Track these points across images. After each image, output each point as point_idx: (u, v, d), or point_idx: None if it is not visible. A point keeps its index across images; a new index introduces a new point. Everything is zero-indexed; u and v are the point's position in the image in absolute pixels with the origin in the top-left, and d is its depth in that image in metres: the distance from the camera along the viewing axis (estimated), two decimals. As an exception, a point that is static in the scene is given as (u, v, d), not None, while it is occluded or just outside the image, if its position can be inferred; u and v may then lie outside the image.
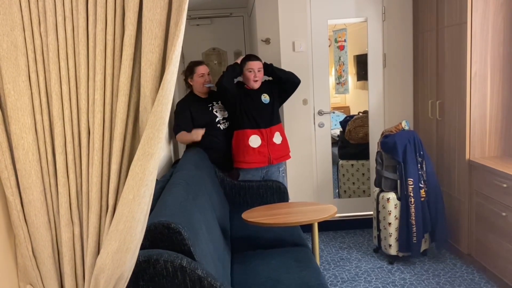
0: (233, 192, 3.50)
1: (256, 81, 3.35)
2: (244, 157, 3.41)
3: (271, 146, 3.42)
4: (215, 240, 2.29)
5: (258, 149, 3.39)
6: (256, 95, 3.42)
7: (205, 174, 3.03)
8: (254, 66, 3.34)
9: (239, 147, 3.44)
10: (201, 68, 3.50)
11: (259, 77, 3.36)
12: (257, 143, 3.39)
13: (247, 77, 3.36)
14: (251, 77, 3.34)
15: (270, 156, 3.41)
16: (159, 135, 1.15)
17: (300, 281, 2.24)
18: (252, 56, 3.44)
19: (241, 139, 3.41)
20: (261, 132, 3.39)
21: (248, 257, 2.56)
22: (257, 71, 3.34)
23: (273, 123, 3.44)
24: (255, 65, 3.35)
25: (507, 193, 2.68)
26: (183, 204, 2.06)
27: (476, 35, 2.97)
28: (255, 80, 3.34)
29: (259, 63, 3.36)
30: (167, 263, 1.64)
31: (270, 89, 3.48)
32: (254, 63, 3.35)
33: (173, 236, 1.73)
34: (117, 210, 1.16)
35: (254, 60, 3.37)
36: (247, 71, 3.34)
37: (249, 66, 3.34)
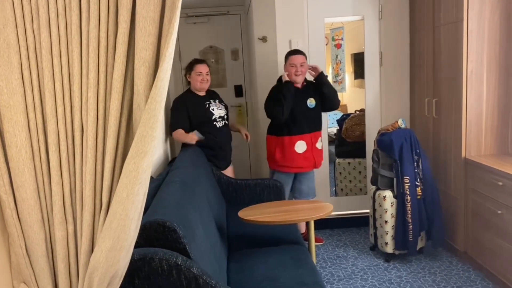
0: (230, 190, 3.49)
1: (299, 75, 3.29)
2: (290, 162, 3.41)
3: (315, 151, 3.44)
4: (211, 238, 2.29)
5: (304, 154, 3.39)
6: (302, 98, 3.38)
7: (202, 172, 3.03)
8: (296, 61, 3.28)
9: (283, 153, 3.42)
10: (200, 66, 3.50)
11: (301, 71, 3.29)
12: (302, 148, 3.39)
13: (291, 71, 3.30)
14: (293, 71, 3.28)
15: (315, 161, 3.46)
16: (153, 133, 1.15)
17: (296, 279, 2.24)
18: (294, 51, 3.37)
19: (287, 145, 3.39)
20: (306, 137, 3.39)
21: (245, 255, 2.56)
22: (299, 66, 3.27)
23: (317, 128, 3.45)
24: (297, 59, 3.28)
25: (503, 191, 2.69)
26: (179, 202, 2.06)
27: (473, 33, 2.97)
28: (296, 74, 3.28)
29: (301, 57, 3.29)
30: (162, 261, 1.64)
31: (317, 93, 3.44)
32: (296, 58, 3.29)
33: (168, 235, 1.73)
34: (111, 208, 1.15)
35: (296, 54, 3.31)
36: (289, 65, 3.30)
37: (291, 61, 3.29)
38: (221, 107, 3.60)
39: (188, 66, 3.57)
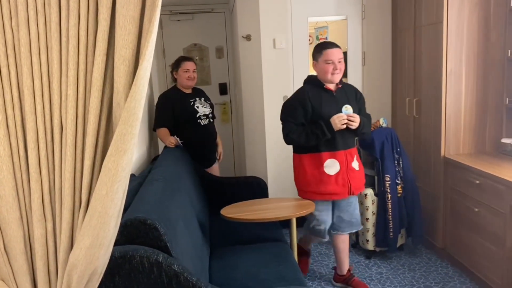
0: (213, 188, 3.50)
1: (335, 74, 2.64)
2: (318, 186, 2.72)
3: (350, 172, 2.74)
4: (193, 236, 2.30)
5: (336, 176, 2.71)
6: (336, 104, 2.68)
7: (185, 170, 3.03)
8: (333, 56, 2.62)
9: (309, 175, 2.74)
10: (188, 64, 3.50)
11: (340, 69, 2.64)
12: (334, 169, 2.71)
13: (324, 70, 2.64)
14: (329, 69, 2.62)
15: (350, 185, 2.74)
16: (133, 131, 1.15)
17: (278, 276, 2.27)
18: (329, 43, 2.70)
19: (313, 164, 2.73)
20: (340, 155, 2.71)
21: (227, 253, 2.58)
22: (337, 62, 2.62)
23: (352, 143, 2.78)
24: (335, 54, 2.62)
25: (480, 189, 2.75)
26: (161, 200, 2.06)
27: (452, 34, 3.03)
28: (333, 73, 2.63)
29: (339, 52, 2.64)
30: (143, 259, 1.64)
31: (352, 100, 2.75)
32: (333, 52, 2.62)
33: (149, 232, 1.73)
34: (90, 206, 1.16)
35: (332, 47, 2.63)
36: (324, 62, 2.63)
37: (328, 57, 2.62)
38: (206, 105, 3.61)
39: (175, 63, 3.56)
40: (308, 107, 2.67)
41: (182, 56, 3.65)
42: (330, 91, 2.70)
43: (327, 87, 2.69)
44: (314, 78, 2.76)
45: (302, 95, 2.71)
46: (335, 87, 2.72)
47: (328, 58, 2.61)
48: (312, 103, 2.67)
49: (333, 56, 2.61)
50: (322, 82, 2.70)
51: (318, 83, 2.71)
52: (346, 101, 2.70)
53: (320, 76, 2.69)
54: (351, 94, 2.77)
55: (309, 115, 2.67)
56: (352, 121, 2.59)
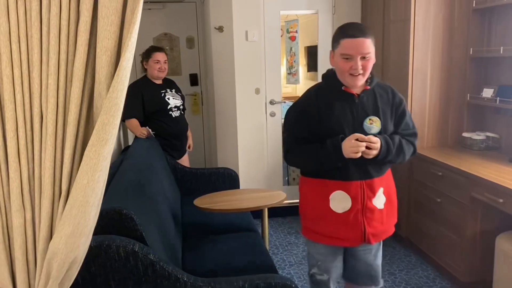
0: (184, 179, 3.51)
1: (355, 77, 1.80)
2: (320, 225, 1.97)
3: (368, 212, 1.92)
4: (166, 226, 2.32)
5: (345, 215, 1.91)
6: (356, 113, 1.87)
7: (156, 161, 3.03)
8: (353, 50, 1.75)
9: (311, 206, 2.00)
10: (159, 54, 3.47)
11: (365, 68, 1.79)
12: (343, 205, 1.90)
13: (340, 68, 1.82)
14: (346, 68, 1.78)
15: (365, 230, 1.93)
16: (114, 121, 1.16)
17: (250, 264, 2.32)
18: (352, 28, 1.79)
19: (317, 193, 1.96)
20: (352, 187, 1.89)
21: (199, 243, 2.61)
22: (359, 59, 1.76)
23: (376, 172, 1.92)
24: (357, 46, 1.75)
25: (442, 180, 2.89)
26: (135, 190, 2.07)
27: (419, 31, 3.15)
28: (352, 73, 1.79)
29: (364, 43, 1.75)
30: (119, 248, 1.66)
31: (384, 109, 1.90)
32: (355, 43, 1.74)
33: (125, 222, 1.74)
34: (71, 195, 1.16)
35: (355, 36, 1.75)
36: (340, 56, 1.79)
37: (345, 50, 1.76)
38: (178, 96, 3.60)
39: (145, 52, 3.53)
40: (313, 117, 1.88)
41: (153, 46, 3.62)
42: (351, 94, 1.86)
43: (347, 89, 1.86)
44: (333, 74, 1.90)
45: (309, 99, 1.93)
46: (361, 89, 1.87)
47: (346, 52, 1.75)
48: (320, 111, 1.87)
49: (353, 50, 1.74)
50: (341, 84, 1.87)
51: (335, 83, 1.87)
52: (373, 110, 1.87)
53: (338, 74, 1.86)
54: (385, 99, 1.91)
55: (313, 128, 1.89)
56: (370, 148, 1.78)
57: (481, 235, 2.68)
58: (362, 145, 1.76)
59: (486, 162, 2.79)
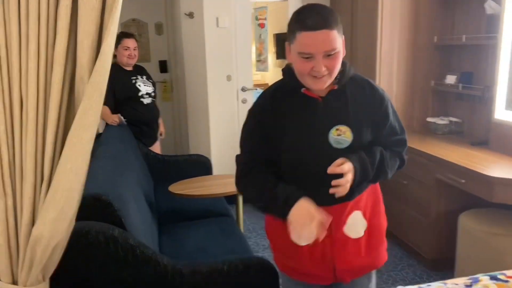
0: (157, 166, 3.50)
1: (318, 79, 1.34)
2: (286, 257, 1.57)
3: (338, 243, 1.49)
4: (143, 213, 2.33)
5: (310, 248, 1.44)
6: (319, 122, 1.41)
7: (129, 148, 3.02)
8: (312, 48, 1.29)
9: (276, 235, 1.57)
10: (128, 41, 3.41)
11: (331, 67, 1.33)
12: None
13: (297, 67, 1.36)
14: (306, 69, 1.32)
15: (335, 266, 1.51)
16: (97, 106, 1.17)
17: (225, 249, 2.36)
18: (310, 16, 1.29)
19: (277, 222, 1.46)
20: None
21: (175, 229, 2.63)
22: (320, 57, 1.30)
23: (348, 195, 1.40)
24: (317, 41, 1.28)
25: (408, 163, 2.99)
26: (112, 177, 2.07)
27: (387, 19, 3.23)
28: (314, 74, 1.33)
29: (327, 35, 1.28)
30: (99, 234, 1.66)
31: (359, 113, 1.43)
32: (314, 37, 1.28)
33: (104, 208, 1.74)
34: (54, 180, 1.17)
35: (315, 28, 1.27)
36: (297, 54, 1.32)
37: (302, 47, 1.30)
38: (149, 83, 3.57)
39: None
40: (269, 128, 1.43)
41: (123, 32, 3.55)
42: (312, 99, 1.40)
43: (308, 92, 1.40)
44: (291, 72, 1.41)
45: (263, 103, 1.47)
46: (326, 90, 1.40)
47: (305, 51, 1.29)
48: (276, 120, 1.42)
49: (314, 47, 1.28)
50: (302, 85, 1.40)
51: (295, 82, 1.40)
52: (343, 116, 1.40)
53: (297, 74, 1.38)
54: (360, 100, 1.43)
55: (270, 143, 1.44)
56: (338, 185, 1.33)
57: (444, 215, 2.82)
58: (318, 233, 1.29)
59: (449, 145, 2.92)
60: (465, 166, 2.46)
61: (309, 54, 1.29)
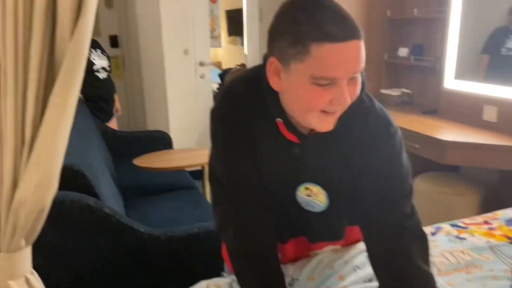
0: (116, 143, 3.43)
1: (331, 116, 0.90)
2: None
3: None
4: (110, 185, 2.29)
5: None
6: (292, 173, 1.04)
7: (86, 125, 2.93)
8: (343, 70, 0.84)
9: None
10: None
11: (352, 95, 0.89)
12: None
13: (311, 102, 0.87)
14: (320, 102, 0.86)
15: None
16: (80, 65, 1.15)
17: (196, 219, 2.38)
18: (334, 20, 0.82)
19: None
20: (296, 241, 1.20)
21: (142, 203, 2.61)
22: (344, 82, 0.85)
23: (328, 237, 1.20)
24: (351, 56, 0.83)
25: (365, 133, 3.15)
26: (80, 148, 2.02)
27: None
28: (336, 109, 0.89)
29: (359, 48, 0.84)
30: (74, 204, 1.63)
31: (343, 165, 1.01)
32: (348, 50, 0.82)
33: (77, 179, 1.71)
34: (37, 143, 1.14)
35: (346, 39, 0.81)
36: (313, 81, 0.84)
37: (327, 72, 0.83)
38: (103, 57, 3.46)
39: None
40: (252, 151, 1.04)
41: None
42: (288, 141, 1.02)
43: (283, 128, 1.00)
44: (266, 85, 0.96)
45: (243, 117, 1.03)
46: (308, 130, 1.00)
47: (327, 74, 0.83)
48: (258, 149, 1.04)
49: (342, 67, 0.84)
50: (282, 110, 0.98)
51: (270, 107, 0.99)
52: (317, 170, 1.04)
53: (289, 108, 0.96)
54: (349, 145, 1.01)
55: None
56: None
57: (399, 180, 2.99)
58: None
59: (403, 114, 3.08)
60: (419, 131, 2.62)
61: (331, 79, 0.84)
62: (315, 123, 0.91)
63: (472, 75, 2.75)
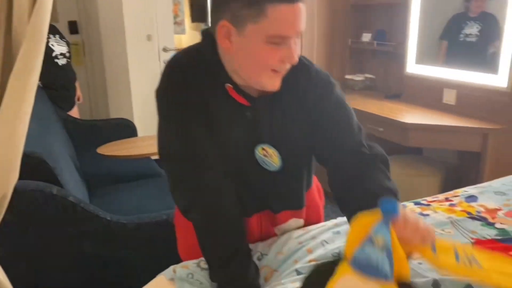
0: (78, 132, 3.32)
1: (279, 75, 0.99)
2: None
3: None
4: (73, 174, 2.23)
5: None
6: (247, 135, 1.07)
7: (46, 113, 2.82)
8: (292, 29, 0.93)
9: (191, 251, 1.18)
10: None
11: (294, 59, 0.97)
12: None
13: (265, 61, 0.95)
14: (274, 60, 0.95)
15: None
16: (39, 48, 1.11)
17: (163, 206, 2.34)
18: None
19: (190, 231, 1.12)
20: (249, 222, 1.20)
21: (109, 192, 2.55)
22: (293, 43, 0.94)
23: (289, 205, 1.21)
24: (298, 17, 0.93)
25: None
26: (41, 135, 1.95)
27: None
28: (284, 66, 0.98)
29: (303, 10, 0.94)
30: (36, 193, 1.58)
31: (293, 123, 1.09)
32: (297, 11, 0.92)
33: (38, 167, 1.65)
34: (-4, 129, 1.09)
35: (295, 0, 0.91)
36: (268, 40, 0.92)
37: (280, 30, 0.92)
38: (62, 43, 3.33)
39: None
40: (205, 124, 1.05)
41: None
42: (239, 104, 1.05)
43: (234, 92, 1.04)
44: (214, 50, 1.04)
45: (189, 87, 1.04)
46: (258, 93, 1.06)
47: (281, 32, 0.92)
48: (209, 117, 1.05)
49: (293, 26, 0.93)
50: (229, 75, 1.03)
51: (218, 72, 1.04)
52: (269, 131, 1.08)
53: (239, 69, 1.00)
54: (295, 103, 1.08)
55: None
56: None
57: (364, 163, 3.07)
58: None
59: (366, 99, 3.15)
60: (382, 115, 2.68)
61: (284, 38, 0.92)
62: (266, 82, 0.98)
63: (433, 60, 2.83)
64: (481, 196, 1.61)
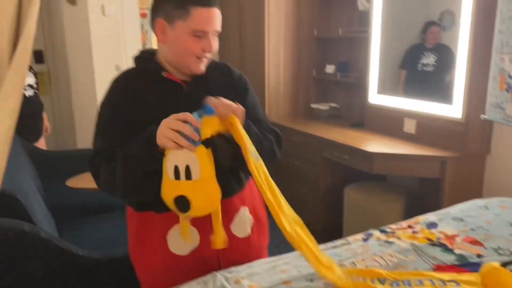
0: (45, 163, 3.27)
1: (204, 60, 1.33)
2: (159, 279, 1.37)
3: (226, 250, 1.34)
4: (42, 209, 2.21)
5: (194, 256, 1.34)
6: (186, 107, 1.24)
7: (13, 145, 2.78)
8: (209, 25, 1.27)
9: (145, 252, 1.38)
10: None
11: (216, 48, 1.33)
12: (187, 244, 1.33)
13: (186, 47, 1.28)
14: (197, 49, 1.29)
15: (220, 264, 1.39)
16: (19, 91, 1.13)
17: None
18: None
19: (148, 231, 1.36)
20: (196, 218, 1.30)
21: (78, 225, 2.52)
22: (211, 36, 1.30)
23: (237, 182, 1.45)
24: (213, 19, 1.28)
25: (298, 145, 3.30)
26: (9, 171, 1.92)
27: (273, 17, 3.46)
28: (206, 55, 1.32)
29: (219, 14, 1.30)
30: (7, 230, 1.57)
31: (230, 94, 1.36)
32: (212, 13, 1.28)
33: (9, 204, 1.64)
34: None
35: (211, 5, 1.27)
36: (192, 33, 1.27)
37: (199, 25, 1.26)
38: (30, 74, 3.31)
39: None
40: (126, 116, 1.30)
41: None
42: (176, 83, 1.33)
43: (170, 75, 1.33)
44: (150, 56, 1.37)
45: (115, 90, 1.36)
46: (190, 76, 1.35)
47: (201, 28, 1.25)
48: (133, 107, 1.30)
49: (210, 24, 1.26)
50: (164, 66, 1.34)
51: (153, 66, 1.34)
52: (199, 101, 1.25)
53: (172, 57, 1.31)
54: (221, 84, 1.40)
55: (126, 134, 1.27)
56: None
57: (332, 189, 3.17)
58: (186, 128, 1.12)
59: (331, 127, 3.27)
60: (347, 143, 2.80)
61: (203, 32, 1.27)
62: (193, 65, 1.31)
63: (393, 90, 2.99)
64: (440, 222, 1.72)
